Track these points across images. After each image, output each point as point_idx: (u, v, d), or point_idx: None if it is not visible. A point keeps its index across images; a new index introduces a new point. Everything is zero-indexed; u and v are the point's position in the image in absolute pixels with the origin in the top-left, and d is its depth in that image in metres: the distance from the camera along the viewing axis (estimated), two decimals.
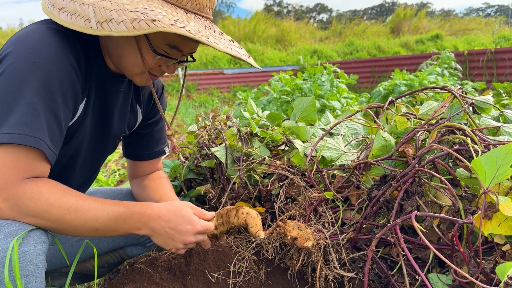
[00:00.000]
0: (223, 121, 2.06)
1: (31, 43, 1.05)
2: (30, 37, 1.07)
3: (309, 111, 1.84)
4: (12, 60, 1.03)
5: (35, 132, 1.01)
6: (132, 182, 1.71)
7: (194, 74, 12.81)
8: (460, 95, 1.44)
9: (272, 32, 19.98)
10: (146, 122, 1.59)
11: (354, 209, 1.46)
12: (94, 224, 1.11)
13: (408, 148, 1.37)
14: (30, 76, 1.02)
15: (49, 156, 1.06)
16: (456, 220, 1.06)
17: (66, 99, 1.11)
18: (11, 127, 0.99)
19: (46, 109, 1.04)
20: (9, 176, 1.00)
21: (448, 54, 7.87)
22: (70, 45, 1.12)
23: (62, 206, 1.05)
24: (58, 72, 1.06)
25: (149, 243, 1.74)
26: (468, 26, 23.17)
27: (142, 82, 1.30)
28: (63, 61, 1.08)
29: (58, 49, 1.08)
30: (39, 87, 1.03)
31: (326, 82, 5.15)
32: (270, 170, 1.68)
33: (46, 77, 1.04)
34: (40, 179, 1.06)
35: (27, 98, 1.01)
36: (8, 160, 1.00)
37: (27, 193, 1.01)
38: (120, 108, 1.42)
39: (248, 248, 1.59)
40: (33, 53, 1.04)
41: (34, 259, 0.99)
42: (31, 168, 1.03)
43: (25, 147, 1.01)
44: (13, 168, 1.00)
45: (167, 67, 1.28)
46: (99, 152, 1.46)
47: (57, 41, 1.08)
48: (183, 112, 7.70)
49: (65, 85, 1.09)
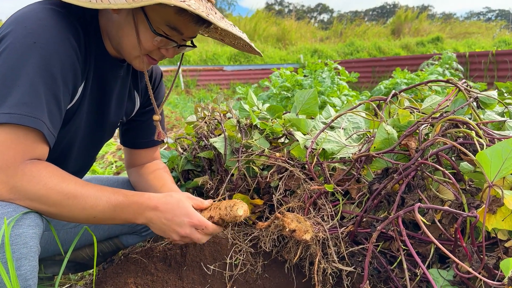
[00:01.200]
0: (223, 112, 2.03)
1: (31, 23, 1.03)
2: (29, 16, 1.05)
3: (310, 104, 1.81)
4: (12, 40, 1.01)
5: (35, 113, 0.99)
6: (129, 171, 1.68)
7: (193, 70, 12.76)
8: (465, 88, 1.41)
9: (273, 31, 19.93)
10: (144, 109, 1.56)
11: (354, 203, 1.44)
12: (92, 212, 1.09)
13: (411, 141, 1.34)
14: (30, 56, 1.00)
15: (49, 138, 1.04)
16: (460, 214, 1.03)
17: (66, 81, 1.09)
18: (11, 107, 0.97)
19: (47, 90, 1.03)
20: (9, 157, 0.98)
21: (449, 54, 7.86)
22: (71, 26, 1.10)
23: (61, 191, 1.03)
24: (59, 53, 1.05)
25: (144, 232, 1.72)
26: (469, 30, 23.17)
27: (141, 66, 1.27)
28: (64, 42, 1.06)
29: (59, 30, 1.06)
30: (40, 68, 1.01)
31: (327, 79, 5.13)
32: (270, 162, 1.65)
33: (47, 57, 1.02)
34: (40, 162, 1.04)
35: (28, 78, 1.00)
36: (8, 140, 0.98)
37: (26, 175, 0.99)
38: (118, 94, 1.39)
39: (245, 240, 1.56)
40: (33, 33, 1.02)
41: (28, 242, 0.97)
42: (30, 149, 1.01)
43: (25, 127, 0.99)
44: (13, 149, 0.98)
45: (166, 51, 1.25)
46: (96, 138, 1.43)
47: (58, 22, 1.06)
48: (182, 106, 7.67)
49: (66, 66, 1.07)
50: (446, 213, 1.21)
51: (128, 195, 1.17)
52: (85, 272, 1.83)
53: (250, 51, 1.40)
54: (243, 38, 1.25)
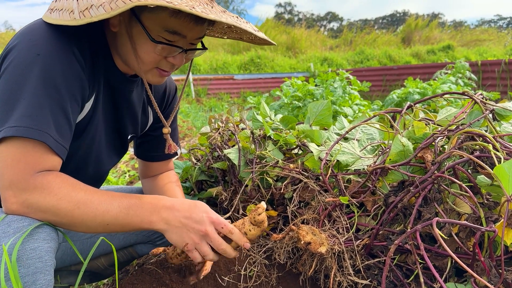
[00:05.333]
0: (237, 123, 2.05)
1: (35, 36, 1.05)
2: (35, 30, 1.07)
3: (324, 115, 1.81)
4: (17, 53, 1.03)
5: (39, 125, 0.99)
6: (143, 181, 1.71)
7: (204, 79, 12.86)
8: (481, 101, 1.41)
9: (282, 40, 20.02)
10: (158, 124, 1.57)
11: (370, 215, 1.43)
12: (105, 218, 1.06)
13: (427, 154, 1.34)
14: (33, 69, 1.01)
15: (56, 149, 1.04)
16: (478, 228, 1.02)
17: (73, 92, 1.09)
18: (16, 120, 0.98)
19: (51, 101, 1.03)
20: (19, 171, 0.99)
21: (463, 63, 7.81)
22: (75, 39, 1.10)
23: (71, 200, 1.02)
24: (62, 65, 1.05)
25: (159, 241, 1.72)
26: (480, 37, 23.01)
27: (155, 79, 1.25)
28: (68, 54, 1.07)
29: (63, 42, 1.07)
30: (43, 80, 1.02)
31: (338, 89, 5.12)
32: (284, 173, 1.65)
33: (50, 69, 1.03)
34: (50, 172, 1.03)
35: (31, 91, 1.00)
36: (17, 154, 0.99)
37: (37, 188, 0.99)
38: (131, 109, 1.40)
39: (259, 252, 1.56)
40: (37, 45, 1.03)
41: (43, 256, 0.97)
42: (40, 161, 1.01)
43: (32, 140, 0.99)
44: (22, 162, 0.99)
45: (173, 58, 1.19)
46: (111, 152, 1.44)
47: (62, 35, 1.08)
48: (193, 115, 7.72)
49: (71, 77, 1.07)
50: (463, 227, 1.20)
51: (141, 197, 1.14)
52: (100, 282, 1.84)
53: (261, 42, 1.35)
54: (248, 30, 1.16)
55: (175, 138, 1.64)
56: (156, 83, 1.29)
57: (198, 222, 1.14)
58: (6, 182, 0.99)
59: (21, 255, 0.93)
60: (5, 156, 0.99)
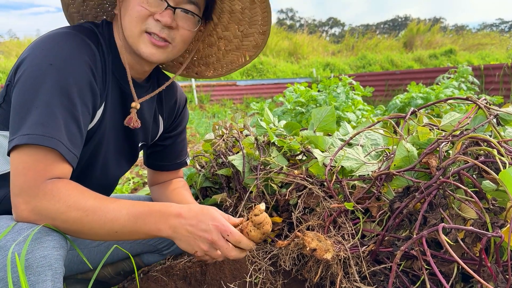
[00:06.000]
0: (240, 129, 2.05)
1: (47, 46, 1.08)
2: (47, 41, 1.10)
3: (328, 121, 1.82)
4: (30, 63, 1.06)
5: (51, 133, 1.01)
6: (151, 188, 1.72)
7: (207, 85, 12.89)
8: (485, 106, 1.41)
9: (284, 45, 20.08)
10: (168, 134, 1.59)
11: (375, 221, 1.43)
12: (113, 226, 1.06)
13: (431, 159, 1.34)
14: (46, 78, 1.04)
15: (68, 156, 1.05)
16: (484, 234, 1.02)
17: (85, 100, 1.11)
18: (29, 128, 1.00)
19: (63, 109, 1.05)
20: (30, 178, 1.00)
21: (465, 67, 7.81)
22: (86, 47, 1.13)
23: (80, 208, 1.03)
24: (74, 74, 1.08)
25: (166, 250, 1.73)
26: (482, 41, 23.01)
27: (148, 49, 1.23)
28: (79, 63, 1.09)
29: (74, 51, 1.09)
30: (56, 88, 1.04)
31: (341, 94, 5.13)
32: (288, 179, 1.65)
33: (62, 78, 1.05)
34: (60, 180, 1.04)
35: (43, 99, 1.02)
36: (29, 161, 1.00)
37: (47, 195, 1.00)
38: (142, 116, 1.41)
39: (264, 258, 1.56)
40: (49, 55, 1.06)
41: (52, 263, 0.98)
42: (50, 168, 1.03)
43: (43, 147, 1.01)
44: (33, 170, 1.00)
45: (160, 15, 1.19)
46: (120, 159, 1.45)
47: (73, 44, 1.10)
48: (196, 122, 7.73)
49: (82, 86, 1.10)
50: (469, 232, 1.20)
51: (149, 204, 1.13)
52: None
53: None
54: None
55: (184, 148, 1.66)
56: (150, 55, 1.25)
57: (205, 230, 1.12)
58: (17, 189, 1.01)
59: (31, 263, 0.94)
60: (17, 164, 1.01)
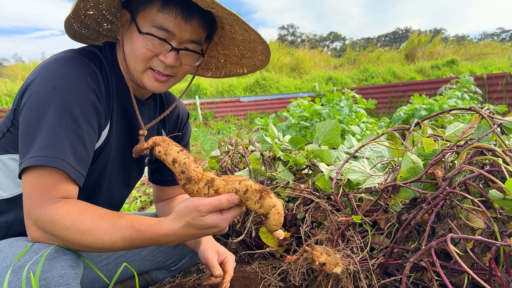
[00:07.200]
0: (246, 145, 2.07)
1: (51, 70, 1.12)
2: (51, 65, 1.14)
3: (333, 135, 1.83)
4: (35, 88, 1.09)
5: (56, 153, 1.03)
6: (157, 205, 1.73)
7: (211, 103, 12.97)
8: (488, 115, 1.42)
9: (286, 61, 20.22)
10: None
11: (383, 233, 1.43)
12: (114, 247, 1.06)
13: (437, 170, 1.34)
14: (50, 101, 1.07)
15: (74, 176, 1.07)
16: (493, 243, 1.02)
17: (90, 121, 1.14)
18: (36, 151, 1.03)
19: (68, 130, 1.07)
20: (35, 200, 1.03)
21: (467, 78, 7.82)
22: (89, 70, 1.17)
23: (78, 230, 1.02)
24: (78, 96, 1.11)
25: (174, 266, 1.73)
26: (484, 51, 23.04)
27: (151, 83, 1.26)
28: (82, 85, 1.13)
29: (77, 74, 1.13)
30: (59, 110, 1.07)
31: (345, 107, 5.16)
32: (295, 194, 1.66)
33: (66, 101, 1.08)
34: (60, 200, 1.05)
35: (49, 122, 1.05)
36: (35, 183, 1.03)
37: (47, 216, 1.02)
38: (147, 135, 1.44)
39: (274, 274, 1.56)
40: (53, 79, 1.09)
41: (70, 282, 1.00)
42: (54, 189, 1.05)
43: (48, 168, 1.03)
44: (38, 191, 1.03)
45: (164, 57, 1.21)
46: (126, 175, 1.47)
47: (76, 67, 1.14)
48: (201, 139, 7.76)
49: (86, 107, 1.13)
50: (478, 242, 1.20)
51: (141, 231, 1.05)
52: None
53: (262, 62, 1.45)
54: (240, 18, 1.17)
55: None
56: (154, 89, 1.28)
57: (197, 227, 1.04)
58: (26, 211, 1.04)
59: (49, 282, 0.96)
60: (26, 186, 1.04)
